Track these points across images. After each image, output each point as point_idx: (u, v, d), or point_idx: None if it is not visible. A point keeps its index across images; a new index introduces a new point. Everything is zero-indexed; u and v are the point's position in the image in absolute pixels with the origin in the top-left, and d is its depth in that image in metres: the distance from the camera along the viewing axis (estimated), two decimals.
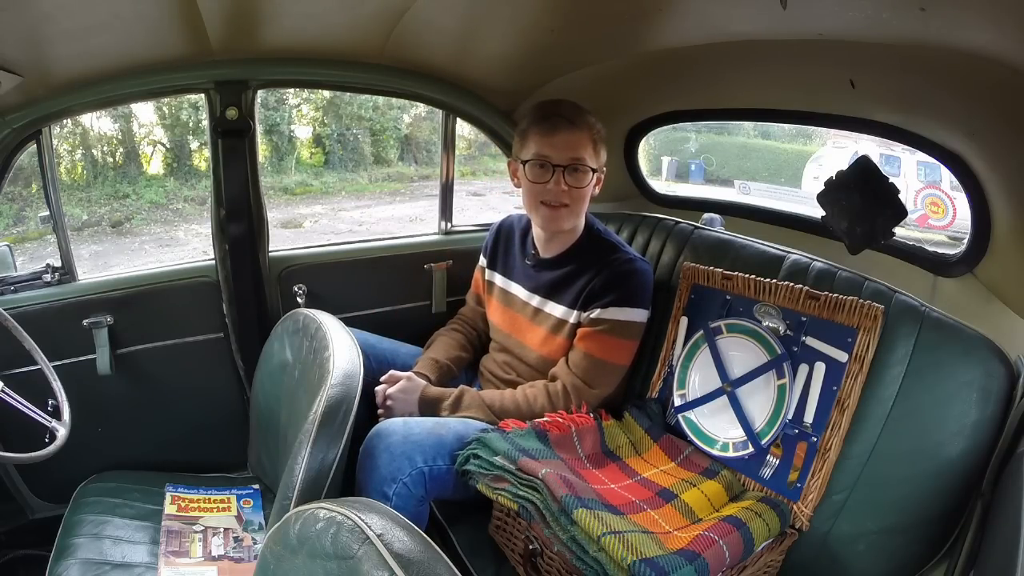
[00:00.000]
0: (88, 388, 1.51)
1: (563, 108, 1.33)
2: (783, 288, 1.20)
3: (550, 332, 1.39)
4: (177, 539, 1.23)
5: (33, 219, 4.84)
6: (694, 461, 1.25)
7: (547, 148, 1.31)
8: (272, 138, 7.24)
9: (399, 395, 1.35)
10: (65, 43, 1.23)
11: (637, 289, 1.32)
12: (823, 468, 1.11)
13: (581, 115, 1.33)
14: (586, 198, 1.36)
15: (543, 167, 1.31)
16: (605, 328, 1.31)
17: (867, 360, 1.09)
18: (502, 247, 1.55)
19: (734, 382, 1.23)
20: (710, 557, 0.97)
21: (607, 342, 1.31)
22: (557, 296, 1.39)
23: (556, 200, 1.32)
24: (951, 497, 1.04)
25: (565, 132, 1.30)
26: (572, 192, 1.32)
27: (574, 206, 1.34)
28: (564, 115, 1.31)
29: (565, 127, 1.30)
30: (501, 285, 1.52)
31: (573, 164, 1.31)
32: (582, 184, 1.32)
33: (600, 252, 1.36)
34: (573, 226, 1.39)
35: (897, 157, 5.05)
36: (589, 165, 1.32)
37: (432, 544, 0.63)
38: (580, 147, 1.31)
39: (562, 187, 1.31)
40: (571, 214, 1.35)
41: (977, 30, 0.92)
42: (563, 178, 1.31)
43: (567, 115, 1.31)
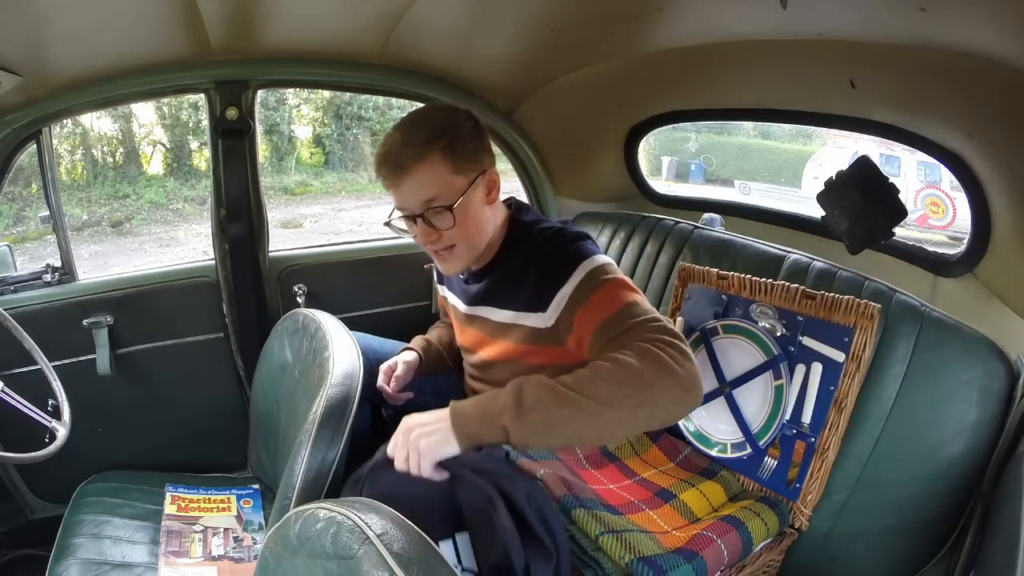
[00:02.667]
0: (88, 388, 1.51)
1: (391, 153, 1.08)
2: (779, 288, 1.20)
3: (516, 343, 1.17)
4: (177, 539, 1.23)
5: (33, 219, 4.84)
6: (693, 461, 1.25)
7: (398, 200, 1.11)
8: (272, 138, 7.24)
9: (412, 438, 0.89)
10: (65, 43, 1.23)
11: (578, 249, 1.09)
12: (822, 468, 1.11)
13: (414, 147, 1.06)
14: (471, 226, 1.11)
15: (407, 219, 1.12)
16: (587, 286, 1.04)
17: (864, 359, 1.09)
18: None
19: (731, 383, 1.23)
20: (708, 556, 0.97)
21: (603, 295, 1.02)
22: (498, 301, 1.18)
23: (436, 248, 1.13)
24: (951, 497, 1.04)
25: (401, 179, 1.07)
26: (446, 234, 1.10)
27: (460, 242, 1.12)
28: (392, 160, 1.07)
29: (398, 174, 1.07)
30: (451, 303, 1.34)
31: (429, 208, 1.08)
32: (449, 224, 1.08)
33: (537, 243, 1.14)
34: (477, 254, 1.16)
35: (897, 157, 5.04)
36: (445, 204, 1.07)
37: (432, 544, 0.63)
38: (428, 185, 1.07)
39: (432, 235, 1.10)
40: (458, 255, 1.13)
41: (977, 30, 0.92)
42: (428, 225, 1.09)
43: (395, 159, 1.07)
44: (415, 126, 1.09)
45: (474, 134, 1.11)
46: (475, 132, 1.12)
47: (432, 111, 1.16)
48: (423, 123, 1.10)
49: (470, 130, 1.11)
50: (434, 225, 1.09)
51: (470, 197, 1.09)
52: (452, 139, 1.07)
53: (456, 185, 1.08)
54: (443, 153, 1.06)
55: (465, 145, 1.09)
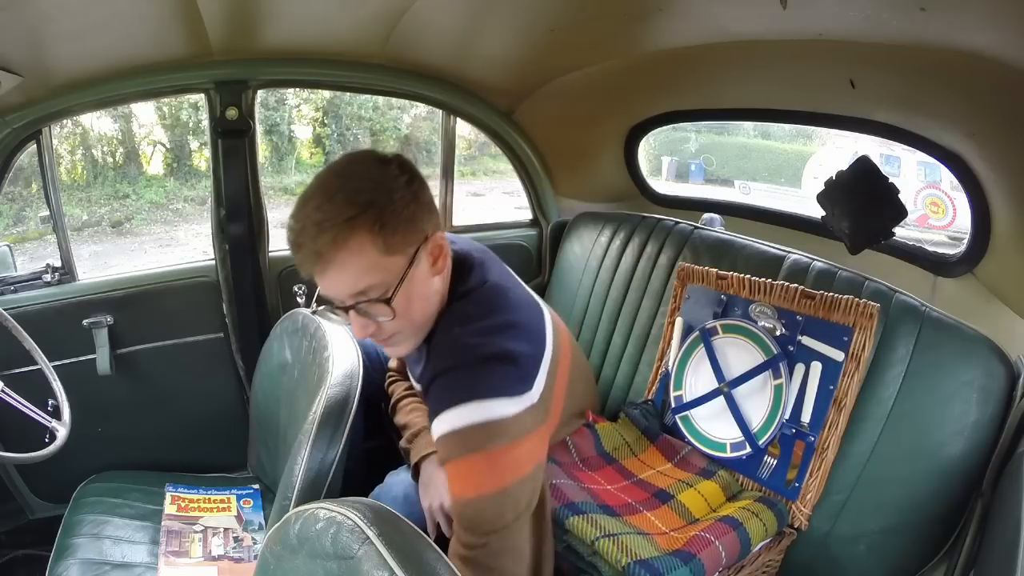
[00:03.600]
0: (88, 388, 1.51)
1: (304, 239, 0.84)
2: (778, 288, 1.21)
3: None
4: (177, 539, 1.23)
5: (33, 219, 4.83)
6: (691, 462, 1.25)
7: (324, 291, 0.90)
8: (272, 138, 7.23)
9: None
10: (65, 43, 1.23)
11: (474, 384, 0.87)
12: (821, 467, 1.11)
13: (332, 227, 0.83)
14: (415, 312, 0.91)
15: (337, 309, 0.91)
16: (445, 452, 0.88)
17: (863, 359, 1.09)
18: None
19: (731, 383, 1.23)
20: (706, 558, 0.97)
21: (458, 470, 0.87)
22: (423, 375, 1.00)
23: (377, 337, 0.93)
24: (951, 497, 1.04)
25: (324, 270, 0.86)
26: (385, 325, 0.90)
27: (403, 329, 0.92)
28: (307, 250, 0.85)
29: (319, 264, 0.85)
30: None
31: (360, 301, 0.88)
32: (388, 316, 0.88)
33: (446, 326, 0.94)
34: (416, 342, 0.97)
35: (897, 157, 5.04)
36: (377, 293, 0.86)
37: (432, 544, 0.63)
38: (357, 276, 0.85)
39: (369, 328, 0.90)
40: (406, 337, 0.95)
41: (977, 30, 0.92)
42: (362, 317, 0.89)
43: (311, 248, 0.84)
44: (333, 199, 0.84)
45: (410, 195, 0.87)
46: (410, 191, 0.87)
47: (353, 171, 0.89)
48: (342, 191, 0.85)
49: (403, 190, 0.87)
50: (369, 316, 0.89)
51: (412, 277, 0.88)
52: (381, 210, 0.84)
53: (393, 268, 0.86)
54: (372, 231, 0.83)
55: (399, 214, 0.85)
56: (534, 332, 0.97)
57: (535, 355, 0.94)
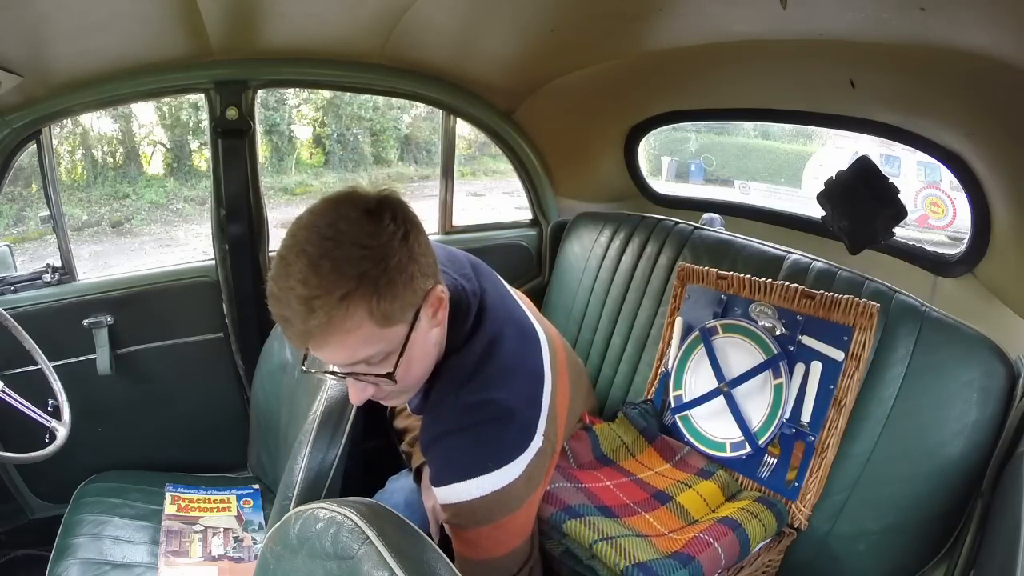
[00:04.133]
0: (88, 388, 1.51)
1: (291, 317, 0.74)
2: (778, 287, 1.21)
3: None
4: (177, 539, 1.23)
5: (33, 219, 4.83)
6: (689, 462, 1.25)
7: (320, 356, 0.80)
8: (272, 138, 7.23)
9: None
10: (65, 43, 1.23)
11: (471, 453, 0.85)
12: (821, 467, 1.11)
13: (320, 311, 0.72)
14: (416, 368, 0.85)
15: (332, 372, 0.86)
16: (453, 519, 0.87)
17: (863, 358, 1.09)
18: None
19: (731, 382, 1.23)
20: (705, 560, 0.97)
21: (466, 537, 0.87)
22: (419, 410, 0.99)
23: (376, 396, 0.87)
24: (951, 497, 1.04)
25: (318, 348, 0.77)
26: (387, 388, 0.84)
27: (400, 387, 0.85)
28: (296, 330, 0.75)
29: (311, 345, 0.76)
30: None
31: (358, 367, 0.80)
32: (389, 384, 0.81)
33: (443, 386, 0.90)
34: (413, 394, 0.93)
35: (897, 157, 5.04)
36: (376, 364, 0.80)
37: (432, 544, 0.63)
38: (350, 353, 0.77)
39: (370, 389, 0.84)
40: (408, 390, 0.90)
41: (977, 30, 0.92)
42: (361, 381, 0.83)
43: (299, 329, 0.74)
44: (319, 270, 0.72)
45: (406, 254, 0.75)
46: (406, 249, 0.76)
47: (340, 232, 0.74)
48: (329, 260, 0.72)
49: (398, 250, 0.75)
50: (368, 381, 0.82)
51: (413, 340, 0.80)
52: (376, 281, 0.73)
53: (393, 337, 0.78)
54: (368, 306, 0.73)
55: (396, 282, 0.74)
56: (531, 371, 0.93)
57: (535, 397, 0.91)
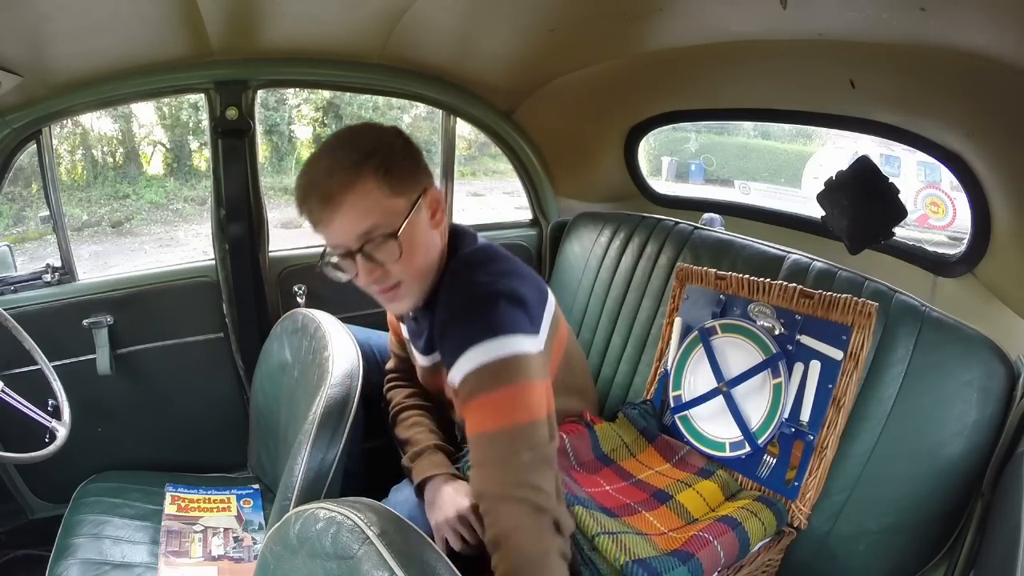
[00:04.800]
0: (88, 388, 1.51)
1: (315, 178, 0.94)
2: (777, 287, 1.21)
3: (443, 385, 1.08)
4: (177, 539, 1.23)
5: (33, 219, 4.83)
6: (689, 462, 1.25)
7: (331, 238, 0.97)
8: (272, 138, 7.23)
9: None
10: (65, 43, 1.23)
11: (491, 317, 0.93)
12: (820, 466, 1.11)
13: (342, 169, 0.92)
14: (418, 257, 0.98)
15: (344, 257, 0.97)
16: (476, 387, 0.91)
17: (862, 358, 1.09)
18: None
19: (730, 382, 1.23)
20: (704, 558, 0.97)
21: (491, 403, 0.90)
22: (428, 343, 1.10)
23: (383, 285, 0.99)
24: (951, 497, 1.05)
25: (332, 212, 0.93)
26: (392, 269, 0.96)
27: (407, 277, 0.99)
28: (319, 191, 0.93)
29: (328, 206, 0.93)
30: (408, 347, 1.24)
31: (368, 240, 0.94)
32: (394, 256, 0.95)
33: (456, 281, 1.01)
34: (426, 287, 1.03)
35: (897, 157, 5.04)
36: (387, 232, 0.94)
37: (432, 544, 0.63)
38: (365, 215, 0.93)
39: (376, 272, 0.96)
40: (409, 288, 1.01)
41: (977, 30, 0.92)
42: (369, 260, 0.95)
43: (323, 190, 0.93)
44: (340, 148, 0.95)
45: (407, 151, 0.98)
46: (408, 149, 0.98)
47: (356, 130, 1.01)
48: (348, 144, 0.96)
49: (402, 147, 0.97)
50: (376, 259, 0.95)
51: (414, 221, 0.96)
52: (384, 157, 0.94)
53: (397, 209, 0.94)
54: (376, 174, 0.92)
55: (399, 163, 0.95)
56: (536, 282, 1.05)
57: (540, 302, 1.03)
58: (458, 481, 1.08)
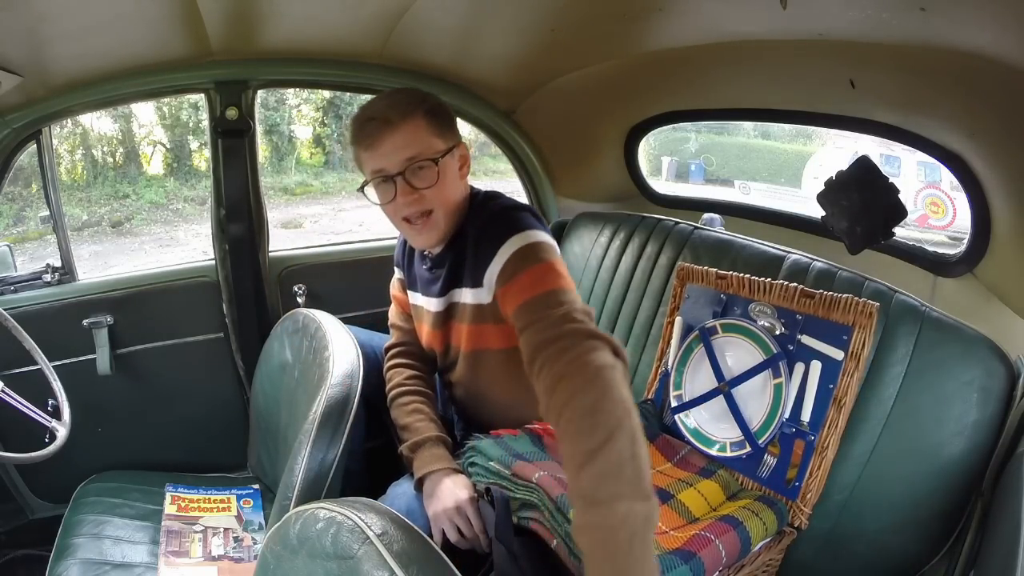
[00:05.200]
0: (88, 388, 1.51)
1: (376, 108, 1.12)
2: (777, 287, 1.20)
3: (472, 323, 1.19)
4: (177, 539, 1.23)
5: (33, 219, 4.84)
6: (690, 461, 1.25)
7: (378, 160, 1.10)
8: (272, 138, 7.23)
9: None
10: (65, 43, 1.23)
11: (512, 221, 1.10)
12: (821, 466, 1.11)
13: (400, 104, 1.11)
14: (448, 190, 1.13)
15: (385, 182, 1.11)
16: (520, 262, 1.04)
17: (863, 358, 1.08)
18: (407, 261, 1.34)
19: (730, 382, 1.23)
20: (706, 557, 0.97)
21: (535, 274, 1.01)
22: (464, 280, 1.18)
23: (414, 210, 1.11)
24: (951, 497, 1.04)
25: (387, 135, 1.08)
26: (427, 195, 1.10)
27: (438, 207, 1.12)
28: (378, 116, 1.10)
29: (385, 130, 1.08)
30: (415, 303, 1.31)
31: (411, 165, 1.09)
32: (431, 182, 1.10)
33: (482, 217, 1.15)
34: (450, 226, 1.16)
35: (897, 157, 5.04)
36: (429, 157, 1.10)
37: (432, 544, 0.63)
38: (412, 142, 1.09)
39: (411, 196, 1.10)
40: (439, 218, 1.13)
41: (977, 30, 0.92)
42: (408, 184, 1.10)
43: (382, 115, 1.10)
44: (396, 94, 1.15)
45: (448, 109, 1.17)
46: (448, 108, 1.18)
47: (408, 87, 1.21)
48: (403, 92, 1.16)
49: (444, 104, 1.17)
50: (414, 185, 1.10)
51: (448, 162, 1.13)
52: (432, 106, 1.13)
53: (437, 147, 1.12)
54: (426, 116, 1.11)
55: (442, 114, 1.14)
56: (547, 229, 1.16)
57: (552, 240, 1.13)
58: (458, 474, 1.11)
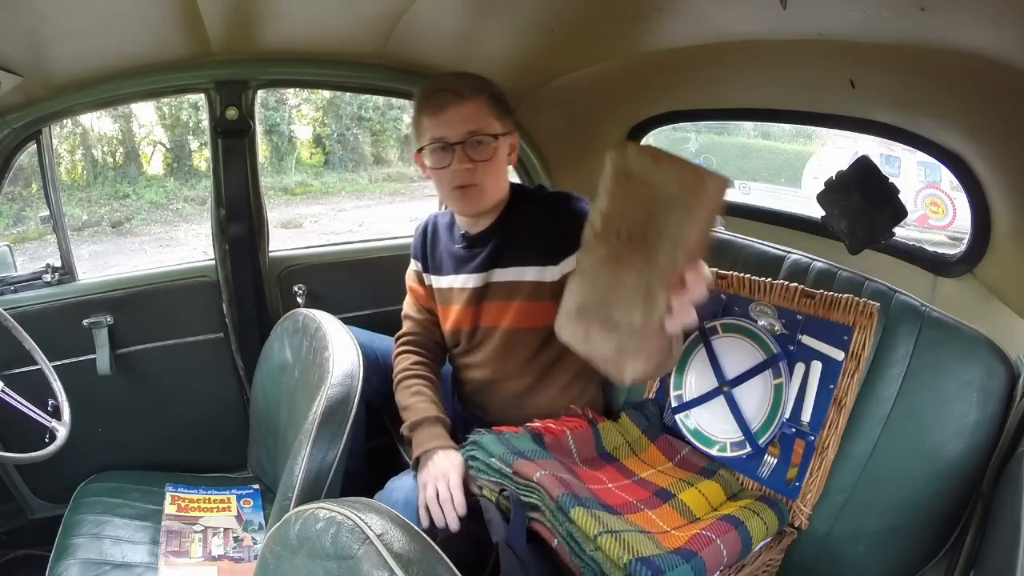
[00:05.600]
0: (88, 388, 1.51)
1: (447, 81, 1.22)
2: (778, 287, 1.20)
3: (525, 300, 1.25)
4: (177, 539, 1.23)
5: (33, 219, 4.84)
6: (691, 461, 1.25)
7: (440, 128, 1.19)
8: (272, 138, 7.24)
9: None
10: (65, 43, 1.23)
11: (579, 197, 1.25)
12: (821, 466, 1.11)
13: (470, 83, 1.21)
14: (500, 170, 1.24)
15: (443, 149, 1.19)
16: None
17: (863, 358, 1.08)
18: (430, 246, 1.41)
19: (730, 382, 1.23)
20: (707, 556, 0.97)
21: None
22: (504, 261, 1.27)
23: (466, 180, 1.20)
24: (951, 497, 1.04)
25: (455, 106, 1.18)
26: (480, 168, 1.20)
27: (487, 181, 1.22)
28: (449, 88, 1.19)
29: (453, 101, 1.18)
30: (441, 286, 1.37)
31: (471, 138, 1.18)
32: (486, 156, 1.20)
33: (541, 202, 1.28)
34: (491, 204, 1.26)
35: (897, 157, 5.04)
36: (489, 133, 1.20)
37: (432, 544, 0.63)
38: (475, 118, 1.19)
39: (466, 165, 1.19)
40: (484, 193, 1.23)
41: (977, 30, 0.92)
42: (465, 155, 1.19)
43: (452, 87, 1.19)
44: (465, 75, 1.26)
45: (507, 100, 1.28)
46: (507, 99, 1.29)
47: (472, 73, 1.29)
48: (471, 75, 1.26)
49: (505, 95, 1.28)
50: (471, 156, 1.19)
51: (502, 144, 1.23)
52: (496, 92, 1.24)
53: (495, 128, 1.22)
54: (489, 99, 1.22)
55: (503, 102, 1.26)
56: None
57: None
58: (453, 451, 1.17)
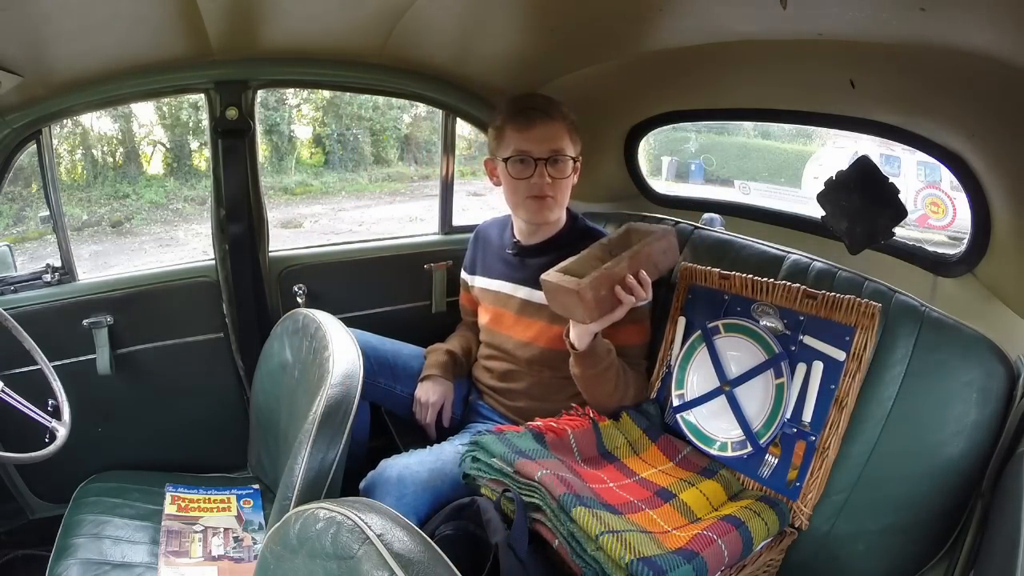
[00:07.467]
0: (88, 388, 1.51)
1: (537, 101, 1.36)
2: (780, 287, 1.21)
3: (548, 322, 1.38)
4: (177, 539, 1.23)
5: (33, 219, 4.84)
6: (692, 461, 1.25)
7: (526, 143, 1.33)
8: (272, 138, 7.23)
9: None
10: (65, 43, 1.23)
11: None
12: (822, 467, 1.11)
13: (555, 106, 1.35)
14: (568, 188, 1.39)
15: (524, 162, 1.34)
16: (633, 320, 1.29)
17: (865, 359, 1.09)
18: (481, 251, 1.57)
19: (732, 382, 1.23)
20: (708, 556, 0.97)
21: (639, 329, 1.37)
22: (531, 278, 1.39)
23: (542, 192, 1.34)
24: (951, 497, 1.04)
25: (542, 125, 1.32)
26: (556, 183, 1.35)
27: (559, 196, 1.37)
28: (539, 107, 1.34)
29: (541, 119, 1.32)
30: (483, 286, 1.53)
31: (553, 155, 1.33)
32: (564, 174, 1.36)
33: (588, 238, 1.38)
34: (558, 216, 1.43)
35: (897, 157, 5.05)
36: (568, 155, 1.36)
37: (432, 544, 0.63)
38: (558, 138, 1.34)
39: (546, 179, 1.33)
40: (556, 205, 1.38)
41: (977, 30, 0.92)
42: (545, 170, 1.33)
43: (542, 107, 1.34)
44: (551, 99, 1.38)
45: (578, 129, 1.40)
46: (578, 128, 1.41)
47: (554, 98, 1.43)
48: (555, 100, 1.38)
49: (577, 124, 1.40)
50: (550, 172, 1.33)
51: (575, 165, 1.39)
52: (573, 120, 1.38)
53: (572, 151, 1.37)
54: (568, 125, 1.36)
55: (577, 130, 1.39)
56: None
57: None
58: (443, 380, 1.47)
